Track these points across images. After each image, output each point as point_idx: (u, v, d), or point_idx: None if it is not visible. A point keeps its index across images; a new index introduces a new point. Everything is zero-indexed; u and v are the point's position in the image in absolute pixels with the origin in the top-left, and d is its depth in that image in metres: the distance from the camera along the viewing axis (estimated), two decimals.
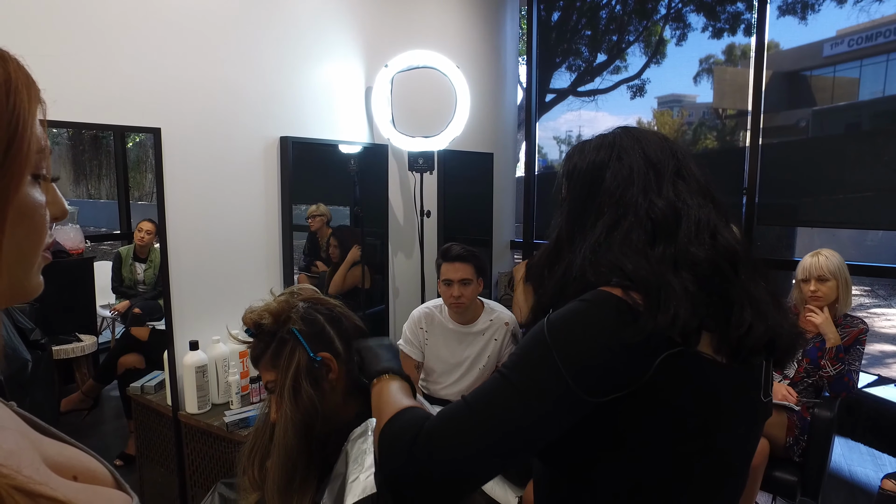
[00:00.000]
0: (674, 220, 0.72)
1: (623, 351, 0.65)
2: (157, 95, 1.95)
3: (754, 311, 0.69)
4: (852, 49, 3.57)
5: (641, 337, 0.64)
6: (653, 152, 0.78)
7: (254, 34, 2.26)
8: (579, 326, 0.67)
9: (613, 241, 0.73)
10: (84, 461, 0.50)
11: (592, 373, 0.65)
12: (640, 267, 0.69)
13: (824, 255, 2.21)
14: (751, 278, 0.72)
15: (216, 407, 2.05)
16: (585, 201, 0.79)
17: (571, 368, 0.65)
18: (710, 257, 0.70)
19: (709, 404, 0.70)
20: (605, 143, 0.81)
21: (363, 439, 0.97)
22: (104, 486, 0.50)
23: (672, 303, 0.65)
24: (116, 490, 0.50)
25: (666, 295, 0.66)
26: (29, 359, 1.86)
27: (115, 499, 0.48)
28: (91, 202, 2.38)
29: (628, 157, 0.78)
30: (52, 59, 1.70)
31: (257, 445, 1.08)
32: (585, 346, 0.66)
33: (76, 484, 0.46)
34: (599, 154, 0.80)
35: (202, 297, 2.14)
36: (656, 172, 0.76)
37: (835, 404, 2.12)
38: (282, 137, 2.37)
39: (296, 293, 1.07)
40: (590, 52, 4.43)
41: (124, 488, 0.51)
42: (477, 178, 3.52)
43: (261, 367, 1.04)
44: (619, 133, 0.82)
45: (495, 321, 2.20)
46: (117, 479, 0.52)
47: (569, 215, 0.81)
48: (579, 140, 0.88)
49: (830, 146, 3.28)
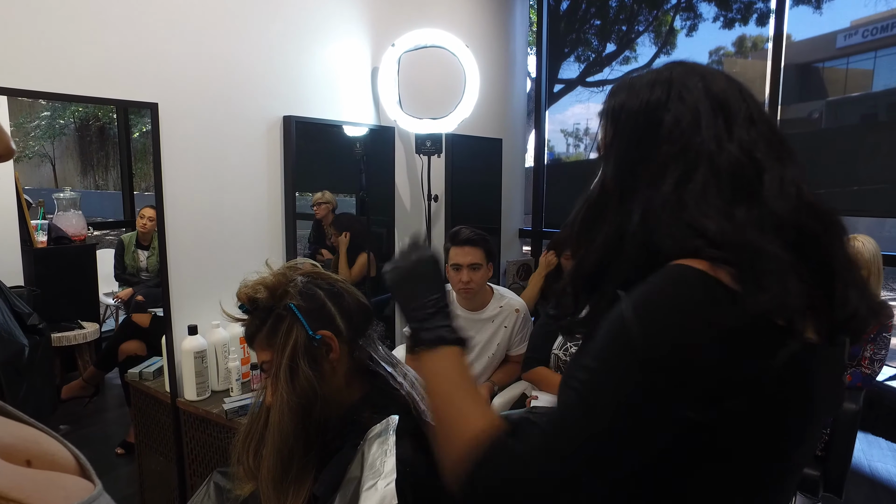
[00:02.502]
0: (755, 172, 0.60)
1: (727, 349, 0.53)
2: (156, 69, 1.88)
3: (855, 287, 0.58)
4: (867, 40, 3.47)
5: (743, 323, 0.53)
6: (720, 90, 0.64)
7: (256, 8, 2.18)
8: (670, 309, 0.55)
9: (686, 199, 0.59)
10: (43, 444, 0.43)
11: (698, 384, 0.54)
12: (725, 230, 0.56)
13: (860, 241, 2.07)
14: (842, 245, 0.61)
15: (216, 394, 1.99)
16: (639, 148, 0.65)
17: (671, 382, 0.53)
18: (800, 220, 0.58)
19: (808, 396, 0.59)
20: (660, 79, 0.67)
21: (383, 439, 0.86)
22: (64, 472, 0.43)
23: (775, 277, 0.53)
24: (77, 477, 0.43)
25: (766, 267, 0.54)
26: (26, 343, 1.81)
27: (70, 487, 0.41)
28: (98, 193, 2.36)
29: (691, 95, 0.64)
30: (45, 29, 1.63)
31: (253, 432, 1.01)
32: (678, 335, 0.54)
33: (25, 470, 0.39)
34: (654, 92, 0.66)
35: (202, 281, 2.08)
36: (726, 116, 0.63)
37: (859, 396, 2.03)
38: (285, 117, 2.29)
39: (294, 266, 0.99)
40: (599, 42, 4.34)
41: (89, 475, 0.44)
42: (485, 165, 3.45)
43: (256, 346, 0.96)
44: (677, 67, 0.68)
45: (505, 308, 2.13)
46: (82, 465, 0.45)
47: (617, 165, 0.67)
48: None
49: (845, 137, 3.18)
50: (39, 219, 2.03)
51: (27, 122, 2.06)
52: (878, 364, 2.06)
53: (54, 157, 2.20)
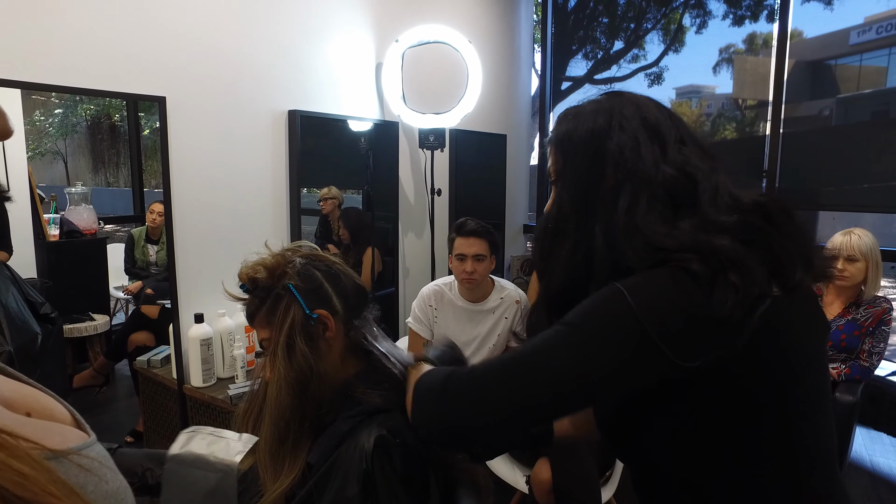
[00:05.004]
0: (691, 186, 0.68)
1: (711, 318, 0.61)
2: (163, 64, 1.93)
3: (801, 257, 0.67)
4: (881, 36, 3.42)
5: (727, 306, 0.60)
6: (653, 119, 0.73)
7: (262, 4, 2.23)
8: (658, 290, 0.63)
9: (638, 222, 0.67)
10: (42, 400, 0.48)
11: (685, 334, 0.61)
12: (680, 240, 0.64)
13: (857, 235, 2.10)
14: (785, 223, 0.68)
15: (221, 381, 2.04)
16: (589, 174, 0.73)
17: (661, 330, 0.60)
18: (740, 218, 0.66)
19: (788, 330, 0.67)
20: (601, 109, 0.75)
21: None
22: (62, 423, 0.47)
23: (736, 263, 0.61)
24: (73, 428, 0.47)
25: (725, 258, 0.61)
26: (39, 332, 1.86)
27: (67, 434, 0.45)
28: (109, 190, 2.41)
29: (630, 124, 0.72)
30: (56, 25, 1.68)
31: (252, 408, 1.05)
32: (670, 307, 0.62)
33: (25, 418, 0.43)
34: (598, 121, 0.74)
35: (208, 271, 2.12)
36: (661, 140, 0.72)
37: (857, 389, 2.03)
38: (290, 111, 2.34)
39: (293, 248, 1.03)
40: (607, 40, 4.34)
41: (83, 428, 0.48)
42: (490, 160, 3.47)
43: (255, 325, 1.00)
44: (614, 98, 0.76)
45: (506, 299, 2.15)
46: (77, 419, 0.49)
47: (570, 190, 0.75)
48: None
49: (855, 134, 3.16)
50: (52, 213, 2.08)
51: (40, 119, 2.11)
52: (876, 357, 2.06)
53: (66, 154, 2.25)
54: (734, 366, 0.63)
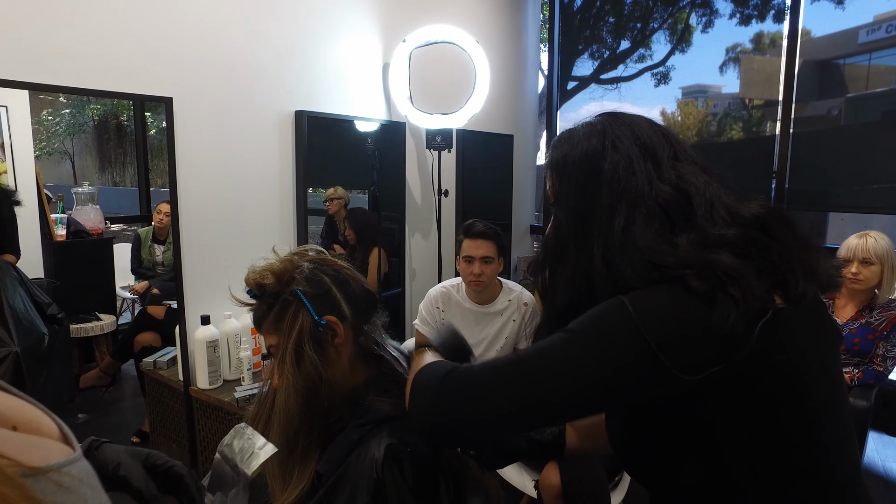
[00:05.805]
0: (685, 202, 0.69)
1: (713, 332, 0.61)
2: (170, 64, 1.92)
3: (803, 268, 0.66)
4: (891, 35, 3.38)
5: (729, 321, 0.59)
6: (646, 137, 0.74)
7: (269, 4, 2.21)
8: (659, 304, 0.63)
9: (636, 240, 0.68)
10: (29, 413, 0.46)
11: (685, 346, 0.61)
12: (679, 257, 0.64)
13: (873, 237, 2.07)
14: (785, 235, 0.68)
15: (227, 383, 2.03)
16: (585, 195, 0.74)
17: (660, 341, 0.60)
18: (738, 232, 0.66)
19: (794, 341, 0.66)
20: (594, 131, 0.76)
21: None
22: (48, 438, 0.46)
23: (735, 278, 0.61)
24: (58, 443, 0.46)
25: (723, 273, 0.61)
26: (46, 332, 1.86)
27: (50, 449, 0.43)
28: (115, 189, 2.42)
29: (623, 144, 0.73)
30: (61, 24, 1.68)
31: (260, 414, 1.03)
32: (670, 320, 0.62)
33: (10, 432, 0.42)
34: (591, 142, 0.75)
35: (215, 273, 2.11)
36: (654, 158, 0.72)
37: (871, 394, 2.01)
38: (297, 111, 2.33)
39: (300, 253, 1.01)
40: (613, 40, 4.32)
41: (70, 442, 0.47)
42: (496, 161, 3.45)
43: (263, 331, 0.98)
44: (607, 119, 0.77)
45: (514, 301, 2.13)
46: (65, 434, 0.48)
47: (568, 212, 0.76)
48: None
49: (865, 134, 3.13)
50: (59, 213, 2.08)
51: (48, 119, 2.11)
52: (890, 362, 2.03)
53: (73, 154, 2.25)
54: (738, 380, 0.62)
